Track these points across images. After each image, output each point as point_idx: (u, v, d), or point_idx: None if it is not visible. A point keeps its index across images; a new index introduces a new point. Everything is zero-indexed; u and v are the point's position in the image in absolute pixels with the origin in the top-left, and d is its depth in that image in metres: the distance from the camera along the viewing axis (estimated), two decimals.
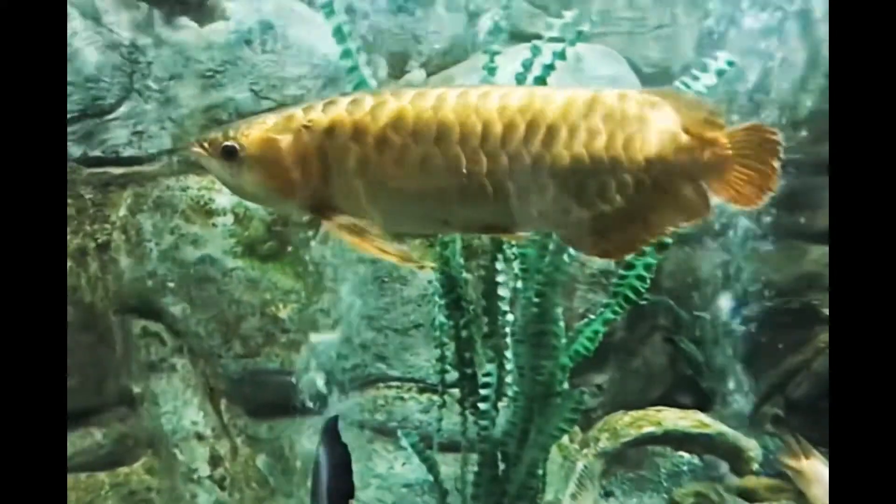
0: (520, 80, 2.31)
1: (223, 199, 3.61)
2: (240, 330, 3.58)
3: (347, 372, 3.61)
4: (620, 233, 1.59)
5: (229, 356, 3.59)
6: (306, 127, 1.54)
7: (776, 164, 1.54)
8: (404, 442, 2.71)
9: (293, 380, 3.58)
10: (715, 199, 1.58)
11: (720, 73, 2.12)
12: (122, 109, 3.72)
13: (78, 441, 3.54)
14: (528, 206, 1.55)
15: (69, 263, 3.52)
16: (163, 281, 3.65)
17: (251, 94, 3.74)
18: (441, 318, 2.62)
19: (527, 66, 2.32)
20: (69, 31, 3.62)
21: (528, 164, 1.52)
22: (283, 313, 3.58)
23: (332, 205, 1.56)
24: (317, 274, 3.63)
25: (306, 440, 3.60)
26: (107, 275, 3.66)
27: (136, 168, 3.72)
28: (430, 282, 3.42)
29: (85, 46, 3.66)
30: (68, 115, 3.64)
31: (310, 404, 3.59)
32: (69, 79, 3.62)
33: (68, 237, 3.55)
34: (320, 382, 3.60)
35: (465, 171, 1.51)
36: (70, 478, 3.51)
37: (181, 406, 3.69)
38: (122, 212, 3.71)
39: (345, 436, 3.25)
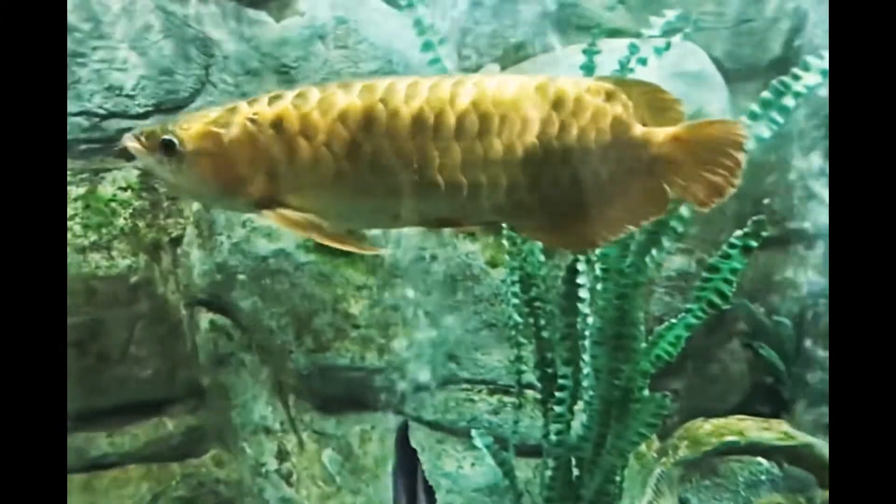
0: None
1: None
2: (311, 325, 3.57)
3: (417, 370, 3.58)
4: (578, 226, 1.54)
5: (300, 351, 3.59)
6: (251, 121, 1.49)
7: (740, 157, 1.48)
8: (478, 442, 2.68)
9: (363, 376, 3.57)
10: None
11: (826, 73, 2.01)
12: (197, 103, 3.75)
13: (151, 431, 3.58)
14: (482, 199, 1.50)
15: (144, 257, 3.56)
16: (233, 275, 3.67)
17: None
18: (517, 318, 2.57)
19: (623, 64, 2.26)
20: (144, 24, 3.66)
21: (481, 156, 1.48)
22: (355, 309, 3.56)
23: (279, 201, 1.50)
24: (389, 270, 3.61)
25: (375, 437, 3.58)
26: (178, 269, 3.70)
27: None
28: (503, 281, 3.37)
29: (160, 40, 3.70)
30: (143, 109, 3.68)
31: (379, 401, 3.57)
32: (144, 72, 3.66)
33: (143, 231, 3.59)
34: (389, 380, 3.58)
35: (415, 165, 1.47)
36: (142, 467, 3.56)
37: (250, 400, 3.71)
38: (196, 206, 3.73)
39: (414, 435, 3.24)
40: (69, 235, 3.45)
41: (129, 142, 1.54)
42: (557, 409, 2.60)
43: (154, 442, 3.58)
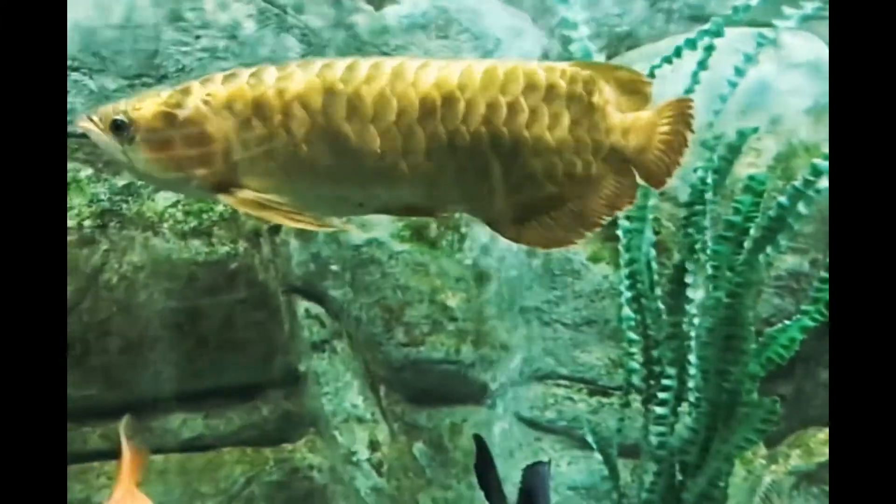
0: (740, 73, 2.18)
1: None
2: (403, 316, 3.56)
3: (514, 366, 3.53)
4: (551, 221, 1.48)
5: (391, 344, 3.58)
6: (204, 101, 1.44)
7: (688, 134, 1.45)
8: (590, 438, 2.65)
9: (457, 370, 3.54)
10: None
11: None
12: None
13: (245, 415, 3.62)
14: (447, 187, 1.45)
15: (243, 244, 3.60)
16: (326, 264, 3.68)
17: None
18: (628, 312, 2.51)
19: (750, 58, 2.18)
20: (244, 13, 3.70)
21: (445, 142, 1.41)
22: (452, 301, 3.53)
23: (235, 183, 1.46)
24: (488, 262, 3.57)
25: (466, 431, 3.55)
26: (277, 257, 3.73)
27: None
28: (605, 277, 3.29)
29: (259, 29, 3.73)
30: None
31: (473, 396, 3.54)
32: (243, 61, 3.70)
33: (243, 218, 3.63)
34: (485, 374, 3.54)
35: (378, 150, 1.41)
36: (236, 450, 3.61)
37: (342, 388, 3.72)
38: None
39: (511, 432, 3.20)
40: (171, 222, 3.51)
41: (82, 122, 1.52)
42: (660, 410, 2.54)
43: (249, 426, 3.62)
